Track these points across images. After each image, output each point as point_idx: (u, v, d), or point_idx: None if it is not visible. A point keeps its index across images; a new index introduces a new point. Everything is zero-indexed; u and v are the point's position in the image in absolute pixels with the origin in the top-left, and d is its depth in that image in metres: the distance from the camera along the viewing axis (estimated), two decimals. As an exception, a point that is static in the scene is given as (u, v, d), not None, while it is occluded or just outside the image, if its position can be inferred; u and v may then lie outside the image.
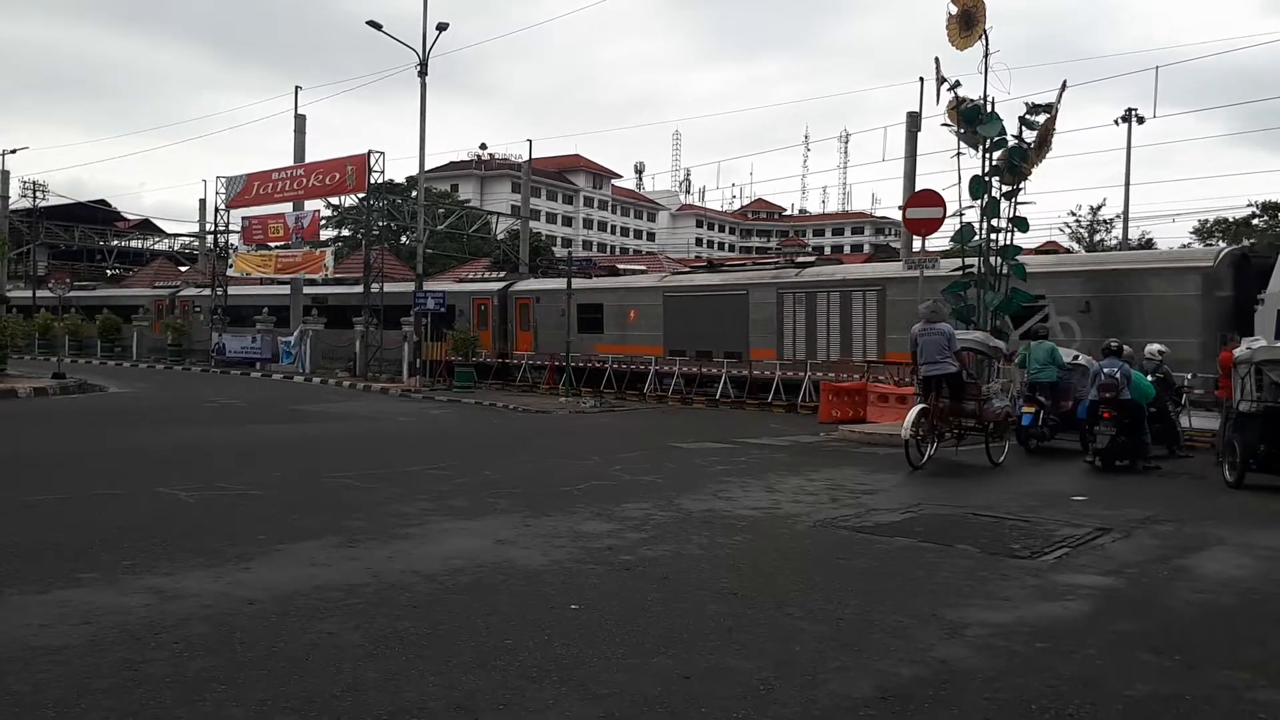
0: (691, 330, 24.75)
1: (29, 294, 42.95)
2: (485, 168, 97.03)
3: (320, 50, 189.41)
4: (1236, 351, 11.66)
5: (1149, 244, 49.79)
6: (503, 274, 33.84)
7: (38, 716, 3.64)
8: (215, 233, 37.26)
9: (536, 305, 28.96)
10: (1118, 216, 48.19)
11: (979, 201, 16.29)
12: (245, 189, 34.33)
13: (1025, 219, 16.52)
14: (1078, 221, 57.78)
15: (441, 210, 42.54)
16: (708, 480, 10.45)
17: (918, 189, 20.67)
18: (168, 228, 65.31)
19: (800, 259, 28.09)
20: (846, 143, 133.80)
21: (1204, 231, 51.93)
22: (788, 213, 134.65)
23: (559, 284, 27.13)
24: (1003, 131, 16.00)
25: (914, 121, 27.37)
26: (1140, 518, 8.57)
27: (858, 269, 25.26)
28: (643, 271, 31.90)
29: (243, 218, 35.28)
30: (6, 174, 46.37)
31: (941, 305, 12.81)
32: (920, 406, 11.84)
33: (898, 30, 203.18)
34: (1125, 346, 13.11)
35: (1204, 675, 4.41)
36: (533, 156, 44.57)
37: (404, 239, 45.38)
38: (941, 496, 9.70)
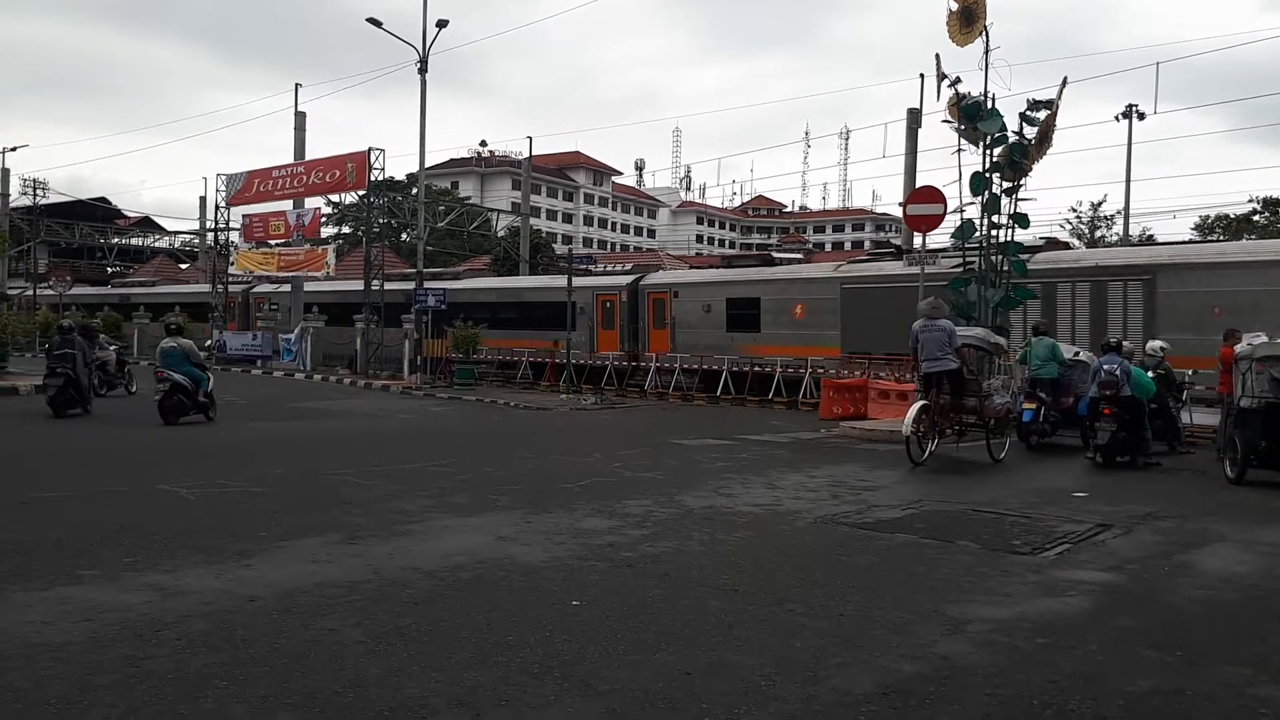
0: (879, 329, 20.37)
1: (55, 292, 41.35)
2: (485, 165, 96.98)
3: (320, 48, 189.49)
4: (1237, 348, 11.67)
5: (1149, 240, 49.78)
6: (629, 266, 31.27)
7: (40, 713, 3.65)
8: (216, 230, 37.27)
9: (675, 300, 25.86)
10: (1118, 213, 48.26)
11: (980, 198, 16.30)
12: (246, 186, 34.31)
13: (1026, 215, 16.53)
14: (1078, 218, 57.84)
15: (442, 207, 42.56)
16: (709, 477, 10.45)
17: (918, 185, 20.67)
18: (168, 225, 65.35)
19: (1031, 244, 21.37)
20: (847, 139, 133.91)
21: (1205, 228, 51.91)
22: (788, 209, 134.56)
23: (703, 276, 25.03)
24: (1003, 128, 16.01)
25: (915, 118, 27.35)
26: (1141, 514, 8.57)
27: (1115, 253, 21.30)
28: (799, 260, 28.82)
29: (243, 215, 35.28)
30: (7, 172, 46.39)
31: (942, 302, 12.80)
32: (921, 403, 11.84)
33: (898, 27, 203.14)
34: (1126, 343, 13.10)
35: (1205, 671, 4.41)
36: (533, 153, 44.56)
37: (404, 236, 45.38)
38: (942, 493, 9.70)
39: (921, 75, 25.24)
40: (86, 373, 16.68)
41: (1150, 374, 13.21)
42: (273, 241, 33.76)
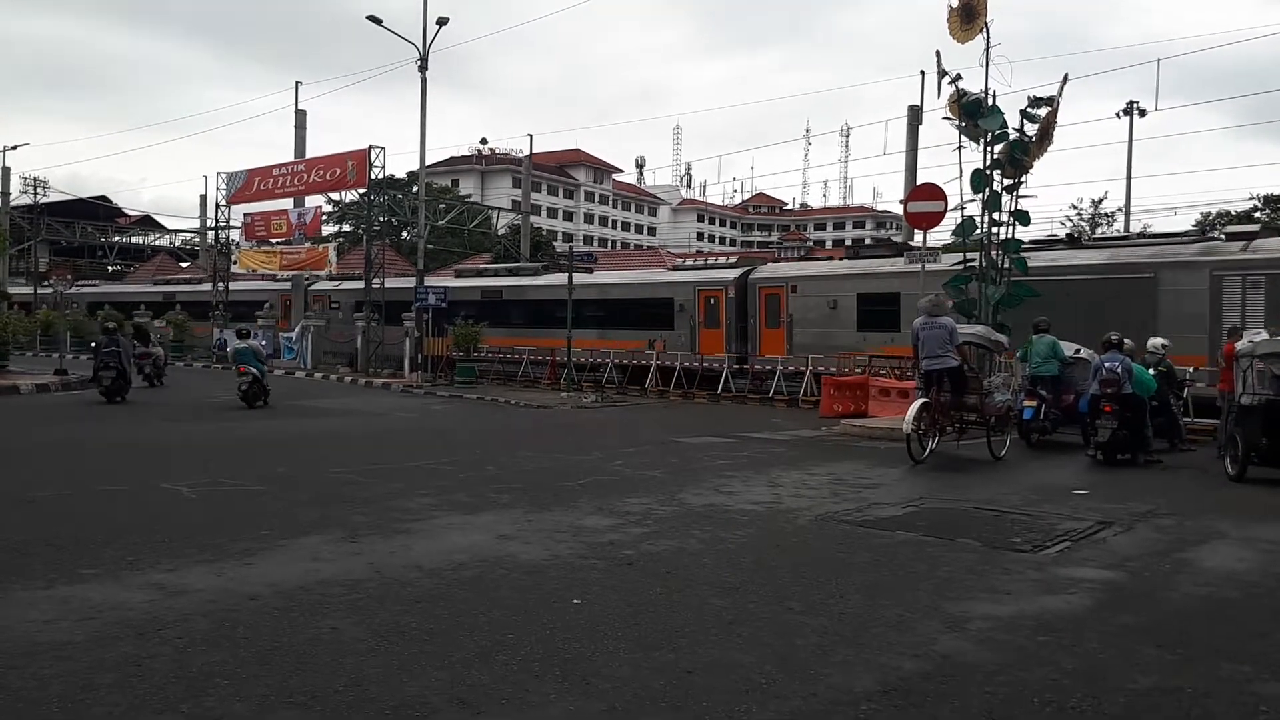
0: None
1: (101, 289, 39.83)
2: (486, 163, 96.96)
3: (320, 46, 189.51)
4: (1239, 345, 11.66)
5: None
6: (734, 259, 27.98)
7: (42, 712, 3.66)
8: (217, 229, 37.27)
9: (792, 295, 23.06)
10: (1119, 209, 48.16)
11: (980, 195, 16.30)
12: (246, 184, 34.32)
13: (1026, 212, 16.54)
14: (1079, 215, 57.78)
15: (442, 205, 42.52)
16: (709, 475, 10.46)
17: (919, 182, 20.67)
18: (168, 223, 65.12)
19: (1231, 229, 20.29)
20: (847, 136, 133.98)
21: (1206, 225, 51.88)
22: (789, 207, 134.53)
23: (828, 268, 22.37)
24: (1004, 125, 16.01)
25: (915, 115, 27.36)
26: (1142, 511, 8.57)
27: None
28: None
29: (245, 214, 35.30)
30: (7, 170, 46.40)
31: (943, 299, 12.80)
32: (922, 401, 11.84)
33: (897, 23, 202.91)
34: (1127, 340, 13.10)
35: (1206, 668, 4.41)
36: (533, 151, 44.57)
37: (405, 234, 45.38)
38: (943, 490, 9.70)
39: (922, 72, 25.26)
40: (129, 367, 19.56)
41: (1151, 371, 13.21)
42: (274, 240, 33.77)
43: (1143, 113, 39.56)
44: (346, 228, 56.79)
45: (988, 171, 16.18)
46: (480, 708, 3.76)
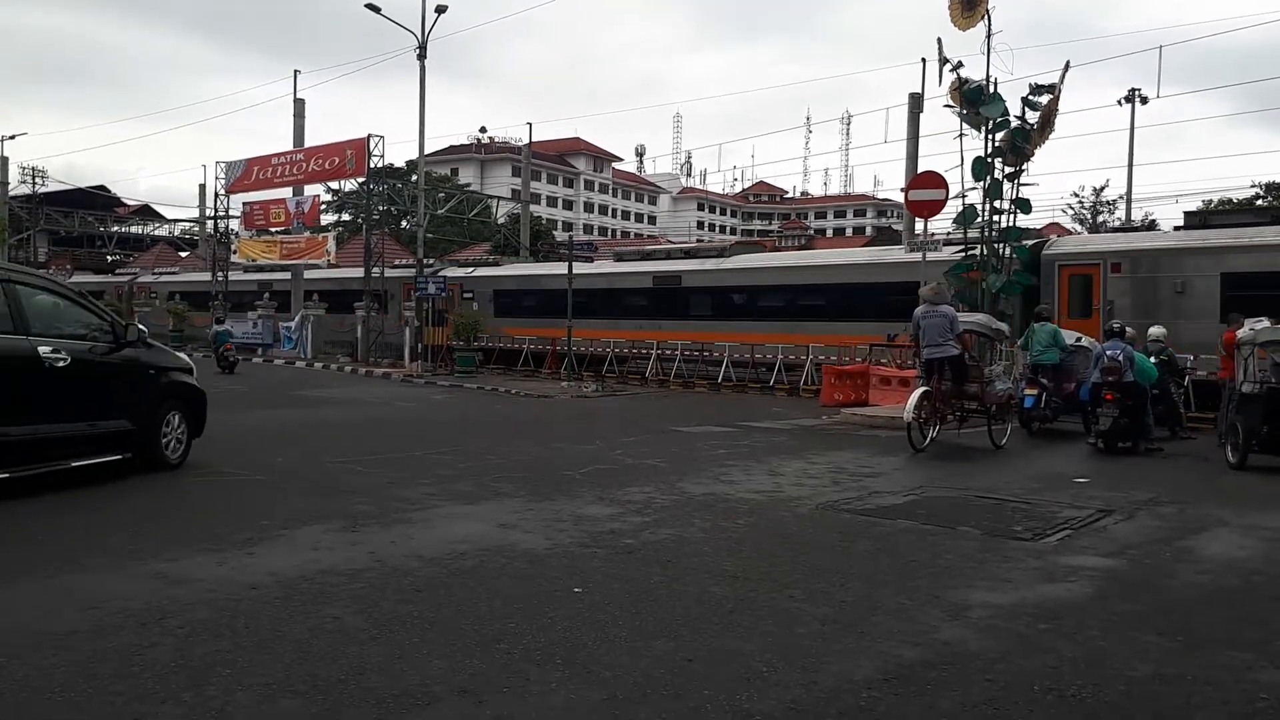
0: None
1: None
2: (485, 151, 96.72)
3: (318, 34, 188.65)
4: (1239, 333, 11.65)
5: (1152, 225, 49.68)
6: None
7: (45, 701, 3.66)
8: (216, 218, 37.21)
9: (1112, 277, 17.87)
10: (1121, 197, 48.11)
11: (982, 183, 16.26)
12: (245, 174, 34.25)
13: (1028, 200, 16.52)
14: (1081, 203, 57.71)
15: (442, 194, 42.44)
16: (710, 464, 10.46)
17: (920, 171, 20.62)
18: (166, 213, 65.07)
19: None
20: (848, 125, 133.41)
21: (1207, 212, 51.71)
22: (789, 195, 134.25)
23: (1169, 240, 18.23)
24: (1005, 112, 15.97)
25: (916, 103, 27.23)
26: (1142, 499, 8.58)
27: None
28: None
29: (243, 203, 35.22)
30: (5, 160, 46.30)
31: (944, 287, 12.78)
32: (922, 389, 11.84)
33: (898, 11, 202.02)
34: (1128, 328, 13.09)
35: (1206, 656, 4.42)
36: (533, 140, 44.46)
37: (404, 223, 45.32)
38: (944, 479, 9.71)
39: (923, 60, 25.07)
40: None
41: (1153, 359, 13.21)
42: (273, 229, 33.72)
43: (1144, 100, 39.50)
44: (346, 217, 56.70)
45: (989, 159, 16.14)
46: (481, 696, 3.77)
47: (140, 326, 9.48)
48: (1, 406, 7.55)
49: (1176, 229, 20.59)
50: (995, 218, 16.44)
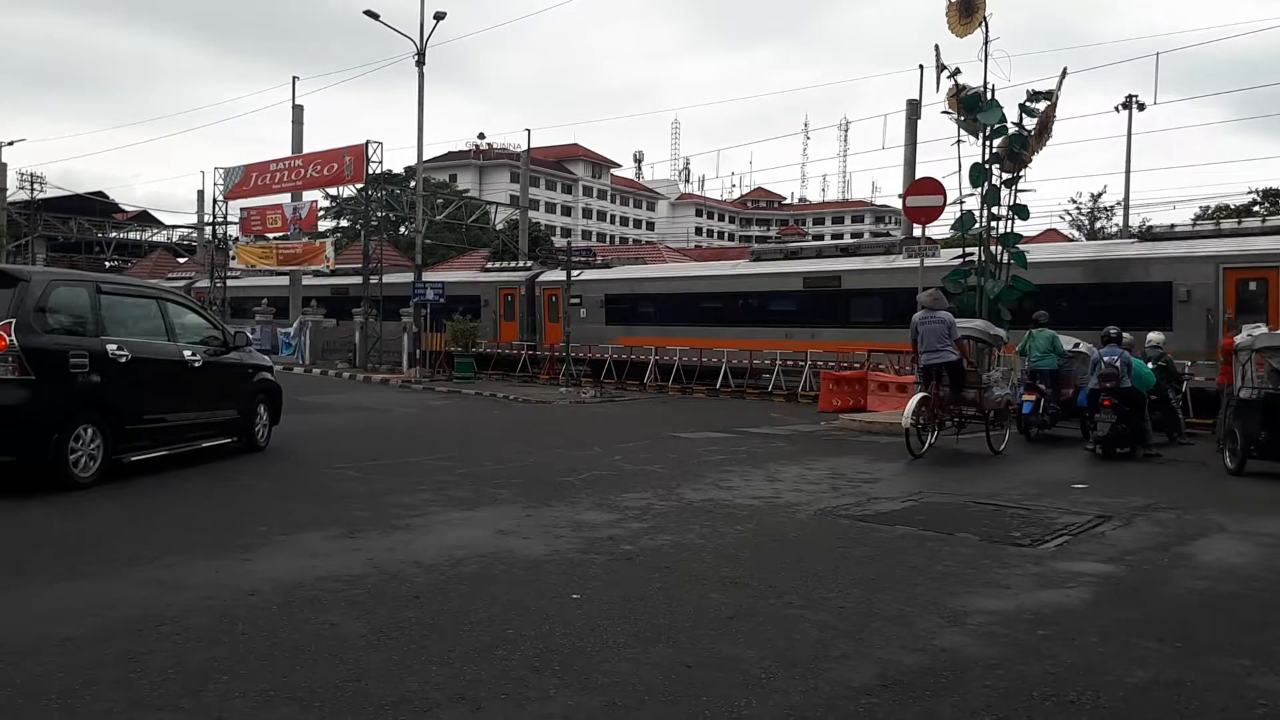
0: None
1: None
2: (483, 157, 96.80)
3: (316, 41, 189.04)
4: (1237, 338, 11.67)
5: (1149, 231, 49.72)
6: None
7: (43, 708, 3.65)
8: (214, 224, 37.20)
9: None
10: (1118, 204, 48.18)
11: (979, 189, 16.27)
12: (244, 180, 34.25)
13: (1026, 206, 16.50)
14: (1078, 209, 57.81)
15: (440, 200, 42.45)
16: (708, 470, 10.46)
17: (918, 177, 20.62)
18: (164, 219, 65.01)
19: None
20: (846, 131, 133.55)
21: (1205, 218, 51.83)
22: (787, 201, 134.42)
23: None
24: (1003, 119, 15.97)
25: (914, 109, 27.26)
26: (1141, 505, 8.58)
27: None
28: None
29: (241, 209, 35.23)
30: (4, 166, 46.27)
31: (942, 294, 12.80)
32: (921, 395, 11.84)
33: (896, 18, 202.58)
34: (1126, 334, 13.11)
35: (1205, 662, 4.42)
36: (531, 146, 44.49)
37: (403, 229, 45.33)
38: (942, 485, 9.71)
39: (921, 66, 25.13)
40: None
41: (1150, 365, 13.22)
42: (270, 235, 33.72)
43: (1142, 106, 39.54)
44: (344, 223, 56.71)
45: (987, 166, 16.14)
46: (480, 703, 3.76)
47: (246, 333, 12.02)
48: (165, 399, 9.70)
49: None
50: (993, 224, 16.45)
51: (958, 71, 16.08)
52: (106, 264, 59.37)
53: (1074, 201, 58.61)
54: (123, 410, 8.99)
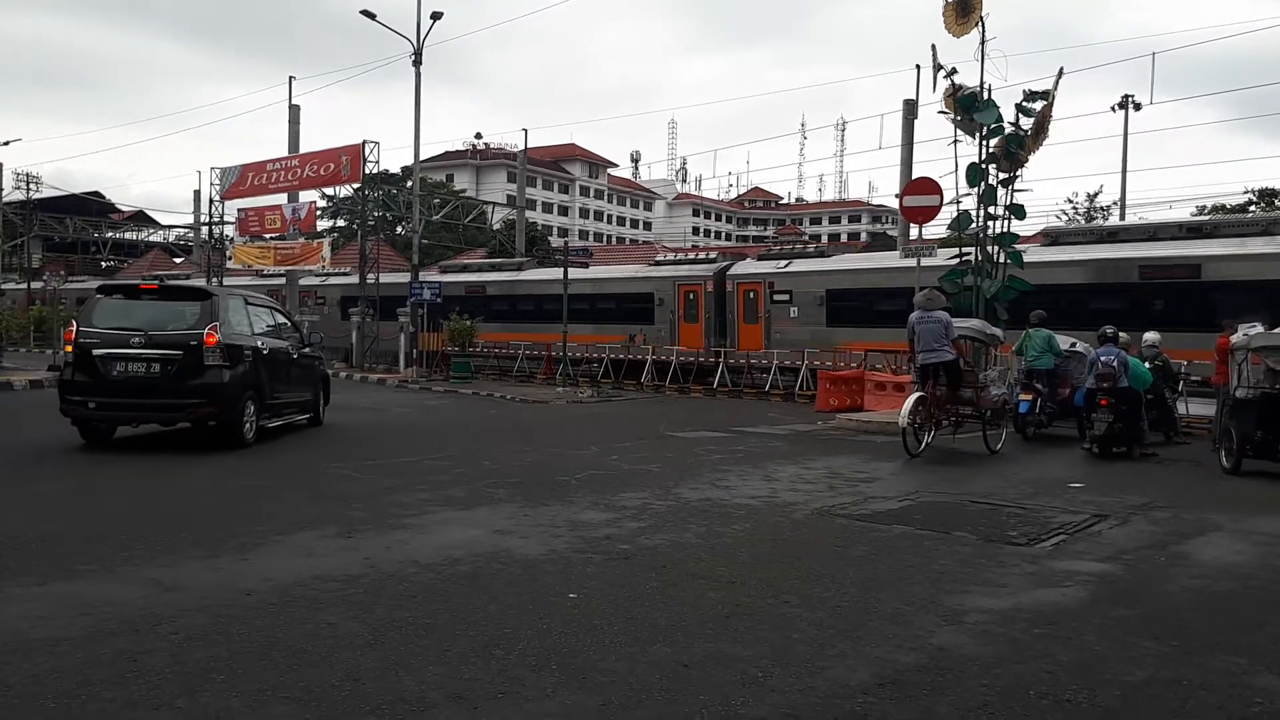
0: None
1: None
2: (480, 157, 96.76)
3: (312, 41, 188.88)
4: (1233, 338, 11.68)
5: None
6: None
7: (38, 708, 3.64)
8: (211, 224, 37.18)
9: None
10: (1115, 203, 48.23)
11: (976, 189, 16.29)
12: (240, 180, 34.24)
13: (1022, 206, 16.52)
14: (1075, 209, 57.87)
15: (437, 200, 42.48)
16: (705, 469, 10.46)
17: (915, 176, 20.66)
18: (160, 219, 64.80)
19: None
20: (843, 130, 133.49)
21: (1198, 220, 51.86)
22: (784, 201, 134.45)
23: None
24: (1000, 118, 16.00)
25: (911, 109, 27.30)
26: (1137, 504, 8.59)
27: None
28: None
29: (239, 209, 35.22)
30: (0, 166, 46.17)
31: (938, 294, 12.82)
32: (917, 394, 11.85)
33: (892, 18, 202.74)
34: (1122, 334, 13.13)
35: (1201, 660, 4.42)
36: (528, 146, 44.46)
37: (399, 229, 45.30)
38: (939, 484, 9.72)
39: (918, 66, 25.23)
40: None
41: (1147, 365, 13.24)
42: (268, 235, 33.71)
43: (1138, 106, 39.58)
44: (341, 223, 56.68)
45: (983, 165, 16.17)
46: (477, 703, 3.76)
47: (318, 334, 15.45)
48: (280, 382, 12.61)
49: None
50: (989, 223, 16.46)
51: (954, 71, 16.12)
52: (103, 264, 59.35)
53: (1070, 201, 58.71)
54: (264, 390, 12.01)
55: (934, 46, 16.29)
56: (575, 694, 3.87)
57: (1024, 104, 16.15)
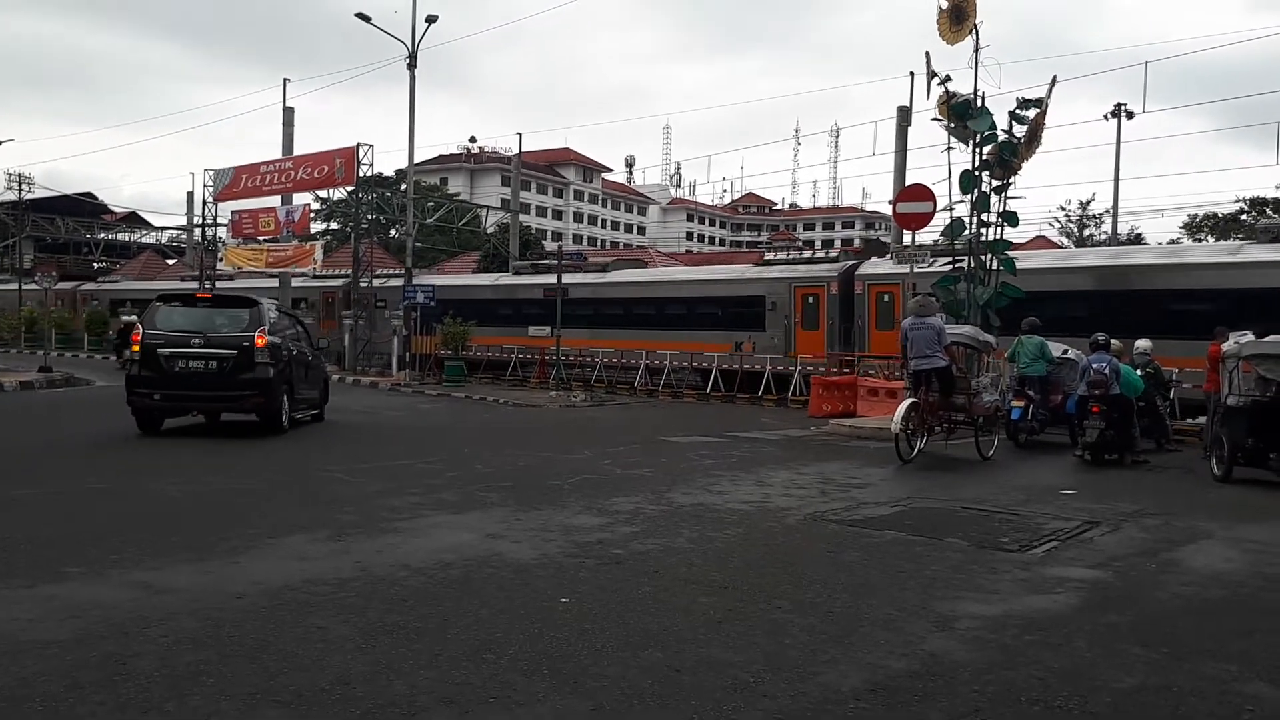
0: None
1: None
2: (475, 161, 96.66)
3: (307, 44, 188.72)
4: (1225, 346, 11.72)
5: (1138, 239, 50.02)
6: None
7: (25, 711, 3.62)
8: (204, 226, 37.09)
9: None
10: (1107, 211, 48.38)
11: (969, 196, 16.34)
12: (234, 181, 34.18)
13: (1015, 213, 16.58)
14: (1067, 216, 58.11)
15: (431, 203, 42.41)
16: (698, 474, 10.45)
17: (908, 183, 20.71)
18: (153, 221, 64.63)
19: None
20: (837, 137, 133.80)
21: (1193, 226, 52.22)
22: (778, 207, 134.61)
23: None
24: (993, 126, 16.05)
25: (904, 116, 27.38)
26: (1128, 511, 8.61)
27: None
28: None
29: (232, 211, 35.18)
30: (-8, 166, 46.03)
31: (932, 300, 12.84)
32: (910, 400, 11.87)
33: (886, 24, 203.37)
34: (1114, 341, 13.17)
35: (1192, 667, 4.43)
36: (522, 150, 44.49)
37: (393, 232, 45.23)
38: (931, 490, 9.72)
39: (911, 73, 25.25)
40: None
41: (1139, 372, 13.28)
42: (262, 237, 33.65)
43: (1130, 115, 39.72)
44: (334, 226, 56.59)
45: (976, 172, 16.22)
46: (468, 707, 3.75)
47: (325, 339, 15.95)
48: (301, 381, 14.27)
49: None
50: (982, 230, 16.51)
51: (948, 79, 16.17)
52: (95, 265, 59.13)
53: (1063, 209, 58.96)
54: (294, 386, 13.80)
55: (928, 54, 16.36)
56: (567, 699, 3.86)
57: (1017, 111, 16.21)
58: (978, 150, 16.20)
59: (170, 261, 56.76)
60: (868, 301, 22.42)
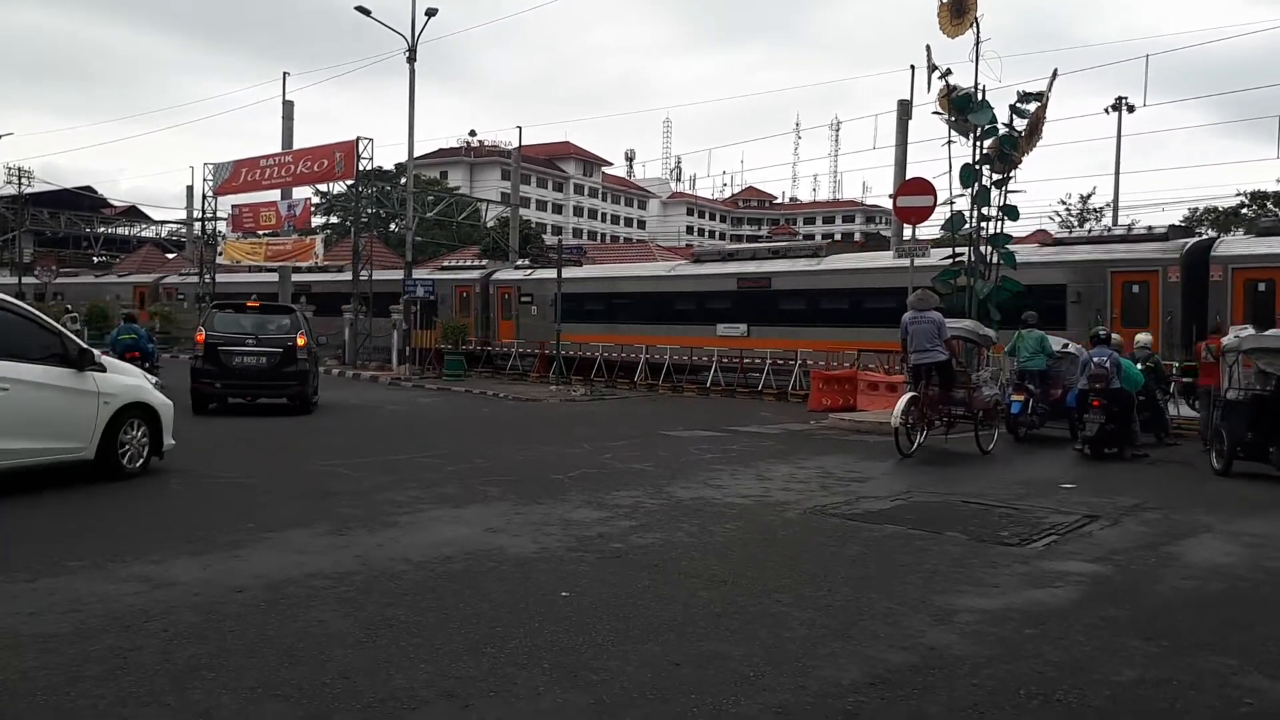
0: None
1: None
2: (474, 155, 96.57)
3: (307, 37, 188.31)
4: (1224, 340, 11.72)
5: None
6: None
7: (27, 704, 3.63)
8: (204, 220, 37.06)
9: None
10: (1107, 205, 48.33)
11: (969, 190, 16.31)
12: (233, 175, 34.11)
13: (1015, 207, 16.53)
14: (1068, 210, 58.02)
15: (430, 197, 42.36)
16: (698, 468, 10.46)
17: (908, 177, 20.67)
18: (152, 214, 64.65)
19: None
20: (837, 130, 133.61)
21: (1193, 220, 52.11)
22: (778, 201, 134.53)
23: None
24: (994, 119, 16.00)
25: (905, 109, 27.33)
26: (1128, 505, 8.62)
27: None
28: None
29: (233, 205, 35.09)
30: (-9, 160, 46.04)
31: (931, 294, 12.83)
32: (910, 394, 11.87)
33: (886, 17, 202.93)
34: (1115, 335, 13.15)
35: (1191, 661, 4.44)
36: (522, 143, 44.43)
37: (393, 226, 45.23)
38: (931, 484, 9.73)
39: (912, 67, 25.24)
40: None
41: (1139, 366, 13.27)
42: (262, 232, 33.60)
43: (1131, 108, 39.70)
44: (334, 219, 56.55)
45: (977, 166, 16.18)
46: (468, 700, 3.76)
47: (314, 341, 17.36)
48: (309, 374, 16.24)
49: None
50: (983, 224, 16.49)
51: (949, 72, 16.11)
52: (94, 259, 59.11)
53: (1064, 202, 58.85)
54: (317, 377, 16.71)
55: (928, 47, 16.30)
56: (567, 692, 3.87)
57: (1018, 105, 16.15)
58: (978, 144, 16.16)
59: (170, 255, 56.76)
60: (1230, 291, 16.77)
